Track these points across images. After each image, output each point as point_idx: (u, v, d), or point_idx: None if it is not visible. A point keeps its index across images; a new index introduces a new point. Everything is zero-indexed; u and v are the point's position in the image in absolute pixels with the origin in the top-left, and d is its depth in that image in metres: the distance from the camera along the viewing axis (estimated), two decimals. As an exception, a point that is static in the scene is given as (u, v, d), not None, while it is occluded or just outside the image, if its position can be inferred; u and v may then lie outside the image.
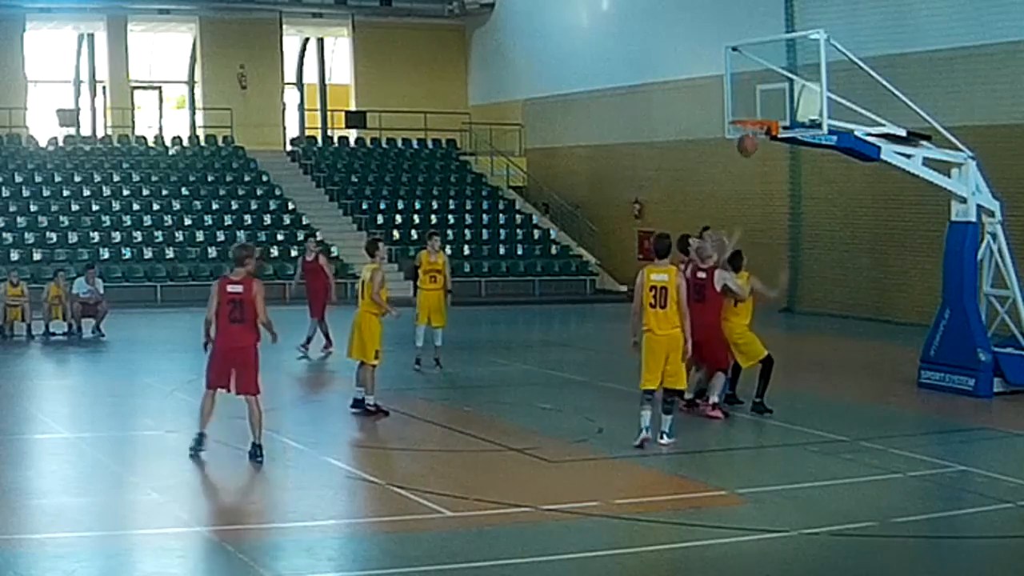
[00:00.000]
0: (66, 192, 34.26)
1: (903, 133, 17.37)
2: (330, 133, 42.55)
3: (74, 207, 33.63)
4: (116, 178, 35.42)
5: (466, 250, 35.10)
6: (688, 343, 13.55)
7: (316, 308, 21.32)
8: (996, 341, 17.71)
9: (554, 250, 36.17)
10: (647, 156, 34.67)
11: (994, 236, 17.58)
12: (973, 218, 17.39)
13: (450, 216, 36.68)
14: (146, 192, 34.99)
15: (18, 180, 34.35)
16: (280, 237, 33.71)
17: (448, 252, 26.65)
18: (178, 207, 34.46)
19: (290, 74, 43.13)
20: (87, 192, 34.48)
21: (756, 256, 16.82)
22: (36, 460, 13.75)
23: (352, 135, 41.32)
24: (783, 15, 28.75)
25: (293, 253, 31.02)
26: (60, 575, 9.10)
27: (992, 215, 17.57)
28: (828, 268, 29.02)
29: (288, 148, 39.98)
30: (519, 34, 39.67)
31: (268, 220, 34.90)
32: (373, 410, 15.44)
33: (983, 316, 17.69)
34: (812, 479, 12.28)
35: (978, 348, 17.19)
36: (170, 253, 32.37)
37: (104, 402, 17.29)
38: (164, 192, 35.13)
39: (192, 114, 41.45)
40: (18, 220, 32.48)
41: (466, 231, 36.30)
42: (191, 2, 39.22)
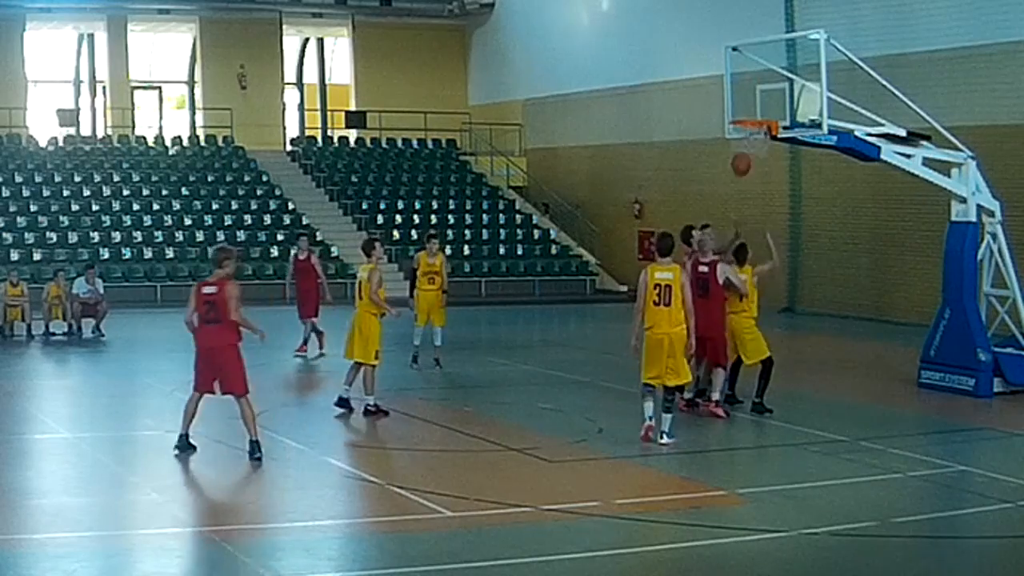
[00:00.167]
0: (66, 192, 34.27)
1: (903, 133, 17.37)
2: (330, 133, 42.57)
3: (74, 207, 33.64)
4: (116, 178, 35.43)
5: (466, 250, 35.10)
6: (692, 339, 13.58)
7: (309, 308, 21.26)
8: (996, 341, 17.72)
9: (554, 250, 36.16)
10: (647, 156, 34.66)
11: (994, 236, 17.59)
12: (973, 218, 17.39)
13: (450, 216, 36.69)
14: (146, 192, 34.99)
15: (18, 180, 34.37)
16: (280, 237, 33.70)
17: (448, 252, 26.73)
18: (178, 207, 34.46)
19: (290, 74, 43.15)
20: (87, 192, 34.49)
21: (756, 255, 16.79)
22: (36, 460, 13.75)
23: (352, 135, 41.32)
24: (783, 15, 28.76)
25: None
26: (60, 575, 9.09)
27: (992, 215, 17.56)
28: (828, 268, 29.02)
29: (288, 148, 39.98)
30: (519, 34, 39.67)
31: (268, 220, 34.90)
32: (373, 410, 15.41)
33: (983, 316, 17.69)
34: (812, 479, 12.27)
35: (978, 348, 17.19)
36: (170, 253, 32.36)
37: (104, 402, 17.29)
38: (164, 192, 35.14)
39: (192, 114, 41.47)
40: (18, 220, 32.49)
41: (466, 231, 36.30)
42: (191, 2, 39.21)
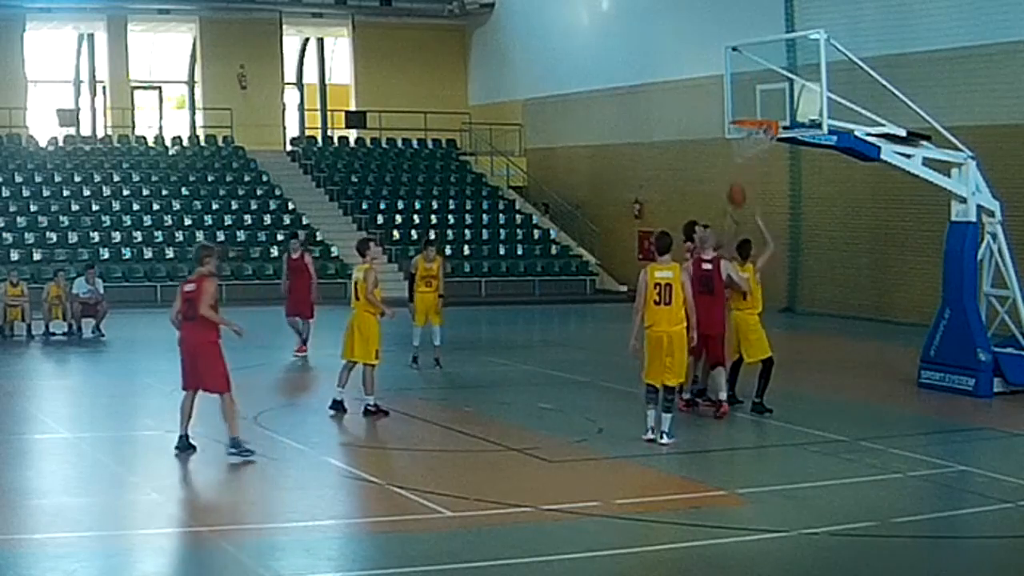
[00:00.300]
0: (66, 192, 34.27)
1: (903, 133, 17.37)
2: (330, 133, 42.56)
3: (74, 207, 33.64)
4: (116, 178, 35.43)
5: (466, 250, 35.10)
6: (693, 333, 13.59)
7: (304, 308, 21.23)
8: (996, 341, 17.71)
9: (554, 250, 36.16)
10: (647, 156, 34.66)
11: (994, 236, 17.58)
12: (973, 218, 17.39)
13: (450, 216, 36.69)
14: (146, 192, 34.99)
15: (18, 180, 34.37)
16: (280, 237, 33.65)
17: (448, 252, 26.72)
18: (178, 207, 34.46)
19: (290, 74, 43.15)
20: (87, 192, 34.49)
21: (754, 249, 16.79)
22: (36, 460, 13.75)
23: (352, 135, 41.31)
24: (783, 15, 28.77)
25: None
26: (60, 575, 9.09)
27: (992, 215, 17.56)
28: (828, 268, 29.02)
29: (288, 148, 39.98)
30: (519, 34, 39.67)
31: (268, 220, 34.90)
32: (373, 410, 15.40)
33: (983, 316, 17.68)
34: (812, 479, 12.27)
35: (978, 348, 17.19)
36: (170, 253, 32.34)
37: (104, 402, 17.28)
38: (164, 192, 35.13)
39: (192, 114, 41.46)
40: (18, 220, 32.49)
41: (466, 231, 36.29)
42: (191, 2, 39.21)
